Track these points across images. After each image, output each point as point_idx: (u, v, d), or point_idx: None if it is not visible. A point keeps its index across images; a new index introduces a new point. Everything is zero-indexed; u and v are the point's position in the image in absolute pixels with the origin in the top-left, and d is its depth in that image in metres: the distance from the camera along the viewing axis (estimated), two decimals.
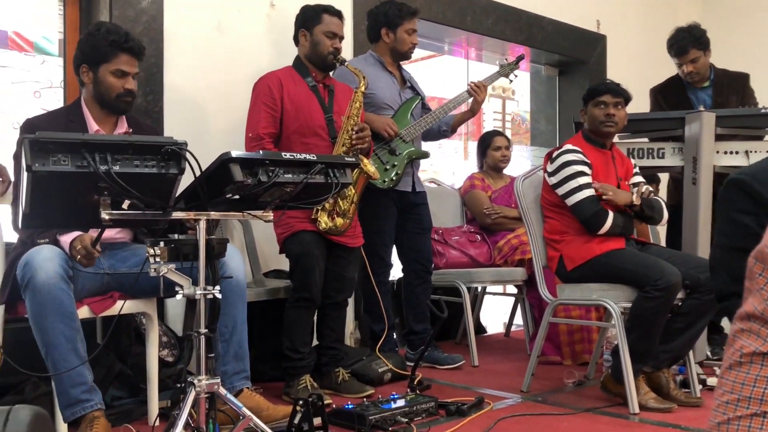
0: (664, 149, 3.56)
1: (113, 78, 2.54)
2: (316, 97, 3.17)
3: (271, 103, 3.09)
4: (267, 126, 3.08)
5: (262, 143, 3.04)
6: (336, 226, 3.07)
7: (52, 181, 1.74)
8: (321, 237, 3.07)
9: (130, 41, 2.55)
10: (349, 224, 3.12)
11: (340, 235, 3.11)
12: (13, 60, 3.31)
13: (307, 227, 3.05)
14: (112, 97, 2.56)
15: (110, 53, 2.52)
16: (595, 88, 3.17)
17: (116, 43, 2.52)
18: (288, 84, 3.14)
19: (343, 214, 3.08)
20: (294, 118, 3.11)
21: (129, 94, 2.58)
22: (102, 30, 2.55)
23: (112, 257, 2.56)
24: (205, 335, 2.07)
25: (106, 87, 2.55)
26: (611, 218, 2.99)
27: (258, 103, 3.11)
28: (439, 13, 4.59)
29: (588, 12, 5.65)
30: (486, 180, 4.39)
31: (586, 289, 3.02)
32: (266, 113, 3.08)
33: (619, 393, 2.95)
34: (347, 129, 3.09)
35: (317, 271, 3.05)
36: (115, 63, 2.54)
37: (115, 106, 2.59)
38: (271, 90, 3.10)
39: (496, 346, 4.46)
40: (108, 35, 2.52)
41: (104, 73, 2.54)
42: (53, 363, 2.25)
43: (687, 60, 3.91)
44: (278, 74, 3.17)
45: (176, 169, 1.86)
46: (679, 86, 4.05)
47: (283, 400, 3.03)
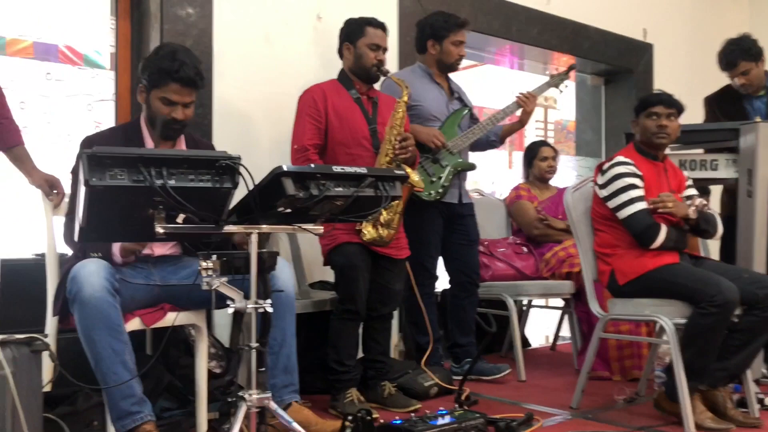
0: (718, 161, 3.47)
1: (161, 104, 2.49)
2: (360, 108, 3.17)
3: (316, 115, 3.10)
4: (312, 137, 3.08)
5: (307, 155, 3.05)
6: (381, 236, 3.05)
7: (108, 195, 1.76)
8: (365, 249, 3.06)
9: (182, 71, 2.44)
10: (394, 235, 3.10)
11: (384, 246, 3.09)
12: (66, 73, 3.37)
13: (351, 239, 3.04)
14: (159, 123, 2.51)
15: (160, 80, 2.47)
16: (648, 99, 3.10)
17: (167, 71, 2.45)
18: (332, 96, 3.14)
19: (387, 224, 3.06)
20: (338, 129, 3.11)
21: (175, 122, 2.51)
22: (160, 53, 2.50)
23: (162, 270, 2.57)
24: (256, 349, 2.07)
25: (153, 111, 2.52)
26: (664, 232, 2.92)
27: (303, 115, 3.12)
28: (484, 24, 4.56)
29: (634, 20, 5.56)
30: (532, 190, 4.34)
31: (639, 305, 2.95)
32: (311, 125, 3.09)
33: (673, 412, 2.87)
34: (390, 139, 3.08)
35: (361, 283, 3.03)
36: (164, 90, 2.48)
37: (161, 131, 2.53)
38: (315, 102, 3.11)
39: (542, 360, 4.40)
40: (162, 61, 2.46)
41: (154, 98, 2.50)
42: (102, 376, 2.27)
43: (737, 73, 3.82)
44: (323, 87, 3.18)
45: (230, 183, 1.87)
46: (735, 95, 3.95)
47: (329, 414, 3.02)
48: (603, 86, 5.80)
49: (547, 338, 5.35)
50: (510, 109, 3.66)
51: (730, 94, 4.00)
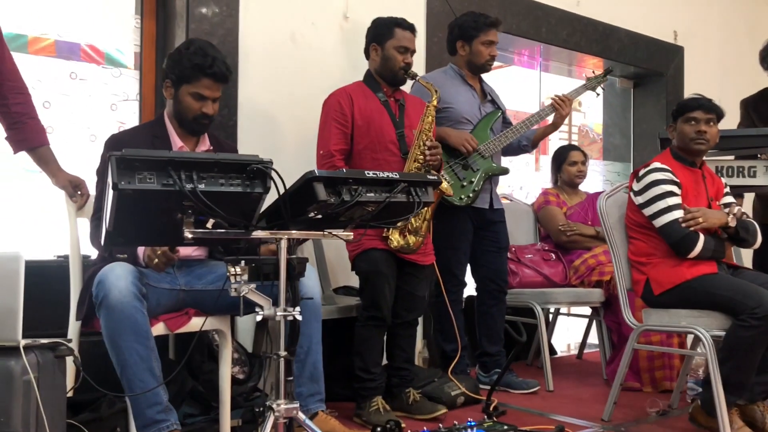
0: (756, 168, 3.37)
1: (192, 100, 2.50)
2: (387, 112, 3.10)
3: (342, 120, 3.03)
4: (338, 143, 3.02)
5: (332, 160, 2.99)
6: (408, 244, 2.99)
7: (137, 199, 1.70)
8: (391, 255, 3.00)
9: (215, 66, 2.47)
10: (422, 242, 3.03)
11: (412, 253, 3.02)
12: (89, 72, 3.33)
13: (377, 245, 2.97)
14: (188, 118, 2.53)
15: (192, 75, 2.48)
16: (686, 104, 3.01)
17: (199, 67, 2.46)
18: (358, 99, 3.07)
19: (415, 231, 3.00)
20: (365, 133, 3.04)
21: (205, 117, 2.53)
22: (191, 49, 2.49)
23: (188, 274, 2.53)
24: (284, 358, 2.01)
25: (183, 107, 2.52)
26: (702, 241, 2.83)
27: (328, 120, 3.06)
28: (513, 25, 4.48)
29: (665, 23, 5.46)
30: (561, 196, 4.25)
31: (675, 315, 2.86)
32: (337, 130, 3.02)
33: (710, 426, 2.79)
34: (419, 144, 3.01)
35: (387, 290, 2.97)
36: (195, 86, 2.49)
37: (190, 126, 2.56)
38: (341, 106, 3.04)
39: (569, 369, 4.30)
40: (194, 57, 2.47)
41: (184, 93, 2.51)
42: (128, 382, 2.22)
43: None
44: (348, 90, 3.11)
45: (261, 187, 1.81)
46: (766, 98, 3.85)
47: (354, 422, 2.96)
48: (632, 89, 5.70)
49: (569, 346, 5.27)
50: (545, 112, 3.57)
51: (763, 96, 3.89)
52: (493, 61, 3.55)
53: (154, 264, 2.28)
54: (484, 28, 3.48)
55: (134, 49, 3.46)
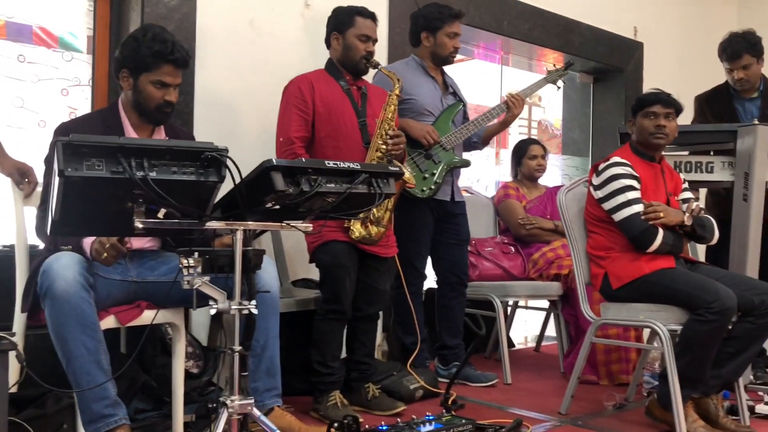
0: (713, 163, 3.40)
1: (153, 88, 2.40)
2: (349, 100, 3.05)
3: (303, 106, 2.97)
4: (298, 129, 2.96)
5: (293, 147, 2.92)
6: (369, 235, 2.94)
7: (84, 186, 1.63)
8: (353, 247, 2.95)
9: (176, 52, 2.38)
10: (384, 233, 2.99)
11: (373, 245, 2.97)
12: (40, 56, 3.21)
13: (338, 237, 2.92)
14: (150, 108, 2.43)
15: (153, 63, 2.38)
16: (645, 98, 3.02)
17: (160, 53, 2.37)
18: (320, 86, 3.01)
19: (377, 222, 2.95)
20: (326, 121, 2.99)
21: (168, 105, 2.44)
22: (148, 36, 2.39)
23: (140, 265, 2.45)
24: (239, 353, 1.95)
25: (145, 96, 2.42)
26: (661, 236, 2.84)
27: (289, 106, 2.99)
28: (475, 17, 4.46)
29: (625, 19, 5.50)
30: (521, 189, 4.25)
31: (632, 309, 2.87)
32: (297, 116, 2.96)
33: (665, 419, 2.81)
34: (381, 134, 2.97)
35: (348, 283, 2.92)
36: (157, 74, 2.39)
37: (153, 116, 2.46)
38: (302, 92, 2.98)
39: (527, 361, 4.32)
40: (153, 44, 2.37)
41: (144, 82, 2.40)
42: (74, 376, 2.14)
43: (739, 66, 3.75)
44: (310, 77, 3.05)
45: (216, 176, 1.75)
46: (726, 96, 3.89)
47: (311, 417, 2.91)
48: (592, 84, 5.73)
49: (526, 339, 5.29)
50: (499, 109, 3.54)
51: (721, 94, 3.93)
52: (456, 53, 3.53)
53: (102, 258, 2.19)
54: (448, 19, 3.45)
55: (87, 32, 3.35)
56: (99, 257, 2.20)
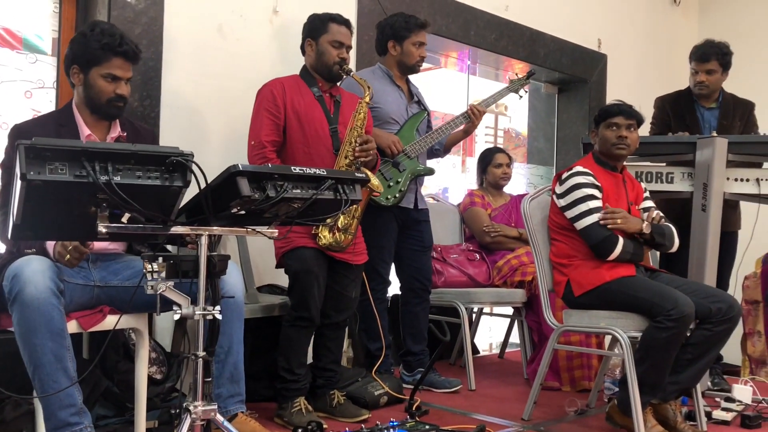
0: (673, 174, 3.48)
1: (104, 82, 2.39)
2: (321, 107, 3.06)
3: (275, 110, 2.98)
4: (269, 134, 2.96)
5: (264, 152, 2.92)
6: (337, 241, 2.95)
7: (47, 191, 1.61)
8: (321, 254, 2.95)
9: (124, 45, 2.39)
10: (351, 240, 2.99)
11: (341, 252, 2.98)
12: (3, 57, 3.17)
13: (307, 243, 2.92)
14: (102, 102, 2.42)
15: (102, 56, 2.37)
16: (608, 110, 3.08)
17: (109, 46, 2.37)
18: (292, 92, 3.02)
19: (344, 230, 2.96)
20: (297, 127, 2.99)
21: (120, 99, 2.43)
22: (96, 30, 2.39)
23: (103, 269, 2.43)
24: (202, 358, 1.95)
25: (96, 91, 2.40)
26: (621, 244, 2.90)
27: (261, 110, 2.99)
28: (443, 26, 4.50)
29: (590, 31, 5.59)
30: (486, 197, 4.29)
31: (594, 316, 2.92)
32: (269, 120, 2.96)
33: (625, 425, 2.85)
34: (350, 141, 2.98)
35: (316, 290, 2.92)
36: (106, 67, 2.39)
37: (105, 111, 2.45)
38: (274, 97, 2.99)
39: (491, 368, 4.35)
40: (101, 37, 2.37)
41: (95, 77, 2.39)
42: (41, 383, 2.11)
43: (704, 69, 3.84)
44: (283, 81, 3.06)
45: (181, 181, 1.75)
46: (688, 100, 3.99)
47: (275, 423, 2.90)
48: (557, 95, 5.81)
49: (491, 345, 5.34)
50: (460, 120, 3.57)
51: (683, 97, 4.03)
52: (422, 62, 3.56)
53: (65, 260, 2.17)
54: (415, 28, 3.48)
55: (52, 34, 3.31)
56: (62, 259, 2.18)
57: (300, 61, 3.20)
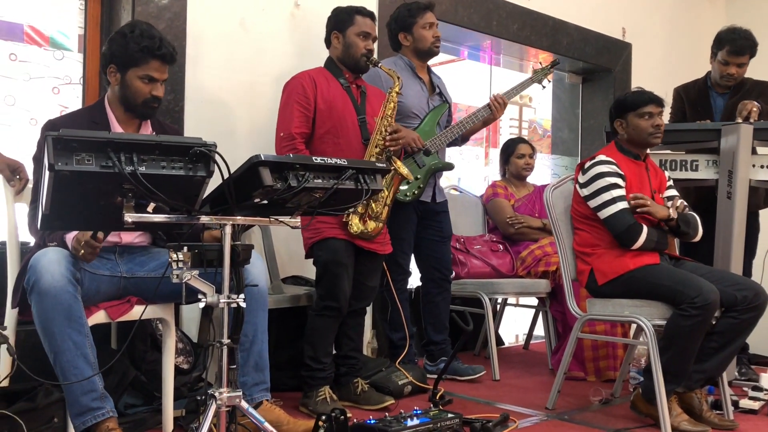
0: (698, 161, 3.45)
1: (141, 83, 2.45)
2: (349, 97, 3.09)
3: (305, 103, 3.00)
4: (299, 126, 2.98)
5: (294, 143, 2.95)
6: (367, 230, 2.97)
7: (74, 181, 1.65)
8: (350, 244, 2.97)
9: (163, 48, 2.44)
10: (381, 228, 3.01)
11: (370, 240, 3.00)
12: (31, 54, 3.23)
13: (337, 234, 2.94)
14: (138, 102, 2.47)
15: (141, 58, 2.42)
16: (638, 99, 3.02)
17: (149, 49, 2.42)
18: (321, 84, 3.05)
19: (375, 217, 2.98)
20: (327, 118, 3.02)
21: (155, 100, 2.49)
22: (136, 32, 2.43)
23: (129, 261, 2.47)
24: (227, 346, 1.98)
25: (132, 91, 2.46)
26: (646, 232, 2.88)
27: (290, 102, 3.02)
28: (465, 17, 4.49)
29: (614, 19, 5.55)
30: (509, 188, 4.29)
31: (618, 305, 2.91)
32: (299, 112, 2.99)
33: (650, 414, 2.85)
34: (380, 130, 3.00)
35: (345, 280, 2.94)
36: (144, 69, 2.44)
37: (140, 111, 2.50)
38: (304, 89, 3.01)
39: (515, 359, 4.35)
40: (141, 39, 2.42)
41: (132, 78, 2.44)
42: (62, 370, 2.16)
43: (737, 62, 3.80)
44: (311, 74, 3.08)
45: (204, 171, 1.77)
46: (703, 88, 3.96)
47: (300, 412, 2.94)
48: (581, 84, 5.77)
49: (517, 337, 5.33)
50: (484, 111, 3.54)
51: (699, 85, 4.00)
52: (438, 42, 3.51)
53: (80, 255, 2.22)
54: (419, 12, 3.47)
55: (78, 31, 3.37)
56: (77, 254, 2.22)
57: (321, 53, 3.22)
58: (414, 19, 3.47)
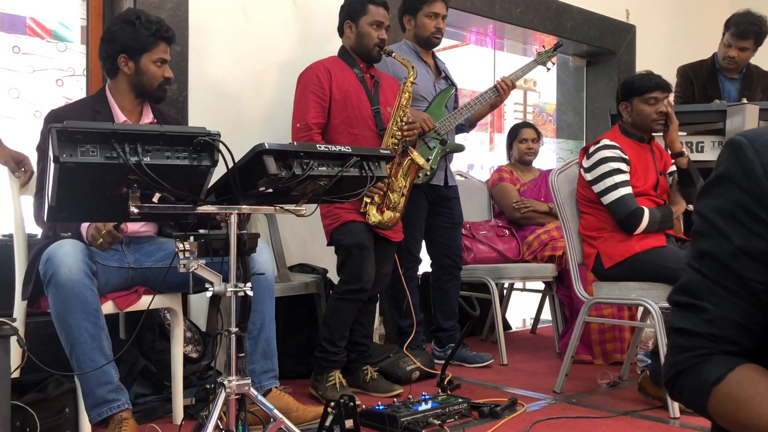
0: (704, 143, 3.44)
1: (155, 67, 2.49)
2: (363, 87, 3.09)
3: (320, 93, 3.00)
4: (316, 116, 2.99)
5: (311, 134, 2.96)
6: (384, 220, 2.97)
7: (79, 172, 1.65)
8: (370, 228, 2.98)
9: (169, 30, 2.52)
10: (399, 218, 3.01)
11: (387, 230, 3.01)
12: (34, 47, 3.23)
13: (356, 218, 2.95)
14: (154, 87, 2.52)
15: (153, 43, 2.48)
16: (644, 84, 2.99)
17: (158, 32, 2.48)
18: (336, 73, 3.05)
19: (393, 207, 2.98)
20: (342, 108, 3.02)
21: (168, 82, 2.55)
22: (142, 19, 2.48)
23: (136, 251, 2.48)
24: (235, 334, 1.99)
25: (149, 77, 2.49)
26: (647, 216, 2.88)
27: (306, 92, 3.02)
28: (467, 2, 4.47)
29: (617, 1, 5.51)
30: (514, 173, 4.28)
31: (624, 288, 2.91)
32: (315, 103, 2.99)
33: (657, 396, 2.85)
34: (396, 120, 3.00)
35: (369, 262, 2.94)
36: (156, 52, 2.49)
37: (156, 95, 2.55)
38: (319, 79, 3.01)
39: (523, 343, 4.36)
40: (150, 25, 2.47)
41: (147, 63, 2.48)
42: (78, 362, 2.18)
43: (739, 45, 3.78)
44: (325, 63, 3.08)
45: (209, 161, 1.77)
46: (712, 70, 3.93)
47: (309, 396, 2.95)
48: (585, 68, 5.74)
49: (524, 321, 5.34)
50: (491, 92, 3.53)
51: (707, 67, 3.98)
52: (440, 35, 3.49)
53: (98, 244, 2.23)
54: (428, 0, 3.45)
55: (80, 23, 3.37)
56: (94, 242, 2.23)
57: (324, 42, 3.22)
58: (420, 5, 3.45)
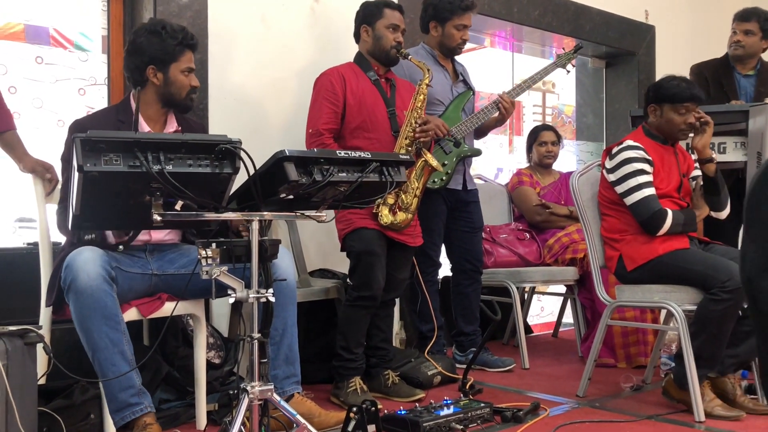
0: (726, 144, 3.40)
1: (183, 77, 2.51)
2: (378, 91, 3.10)
3: (333, 99, 3.02)
4: (328, 122, 3.01)
5: (321, 139, 2.98)
6: (397, 221, 2.97)
7: (103, 181, 1.68)
8: (382, 235, 2.98)
9: (193, 37, 2.54)
10: (411, 219, 3.02)
11: (399, 231, 3.01)
12: (57, 57, 3.27)
13: (368, 224, 2.96)
14: (183, 96, 2.53)
15: (179, 52, 2.49)
16: (679, 93, 2.93)
17: (185, 41, 2.49)
18: (350, 79, 3.07)
19: (405, 208, 2.99)
20: (357, 113, 3.04)
21: (194, 90, 2.56)
22: (168, 29, 2.49)
23: (160, 258, 2.50)
24: (258, 340, 2.00)
25: (178, 86, 2.50)
26: (671, 218, 2.85)
27: (319, 99, 3.04)
28: (485, 5, 4.46)
29: (636, 2, 5.48)
30: (534, 176, 4.26)
31: (647, 291, 2.89)
32: (328, 109, 3.01)
33: (682, 399, 2.82)
34: (410, 122, 3.01)
35: (379, 270, 2.95)
36: (183, 61, 2.50)
37: (184, 104, 2.57)
38: (333, 85, 3.04)
39: (544, 347, 4.34)
40: (175, 34, 2.48)
41: (175, 73, 2.49)
42: (100, 366, 2.21)
43: (743, 28, 3.78)
44: (340, 70, 3.10)
45: (230, 168, 1.79)
46: (726, 67, 3.91)
47: (330, 402, 2.96)
48: (604, 69, 5.71)
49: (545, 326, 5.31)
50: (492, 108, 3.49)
51: (721, 64, 3.96)
52: (464, 45, 3.52)
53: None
54: (458, 11, 3.44)
55: (101, 32, 3.41)
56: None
57: (342, 48, 3.23)
58: (451, 15, 3.44)
